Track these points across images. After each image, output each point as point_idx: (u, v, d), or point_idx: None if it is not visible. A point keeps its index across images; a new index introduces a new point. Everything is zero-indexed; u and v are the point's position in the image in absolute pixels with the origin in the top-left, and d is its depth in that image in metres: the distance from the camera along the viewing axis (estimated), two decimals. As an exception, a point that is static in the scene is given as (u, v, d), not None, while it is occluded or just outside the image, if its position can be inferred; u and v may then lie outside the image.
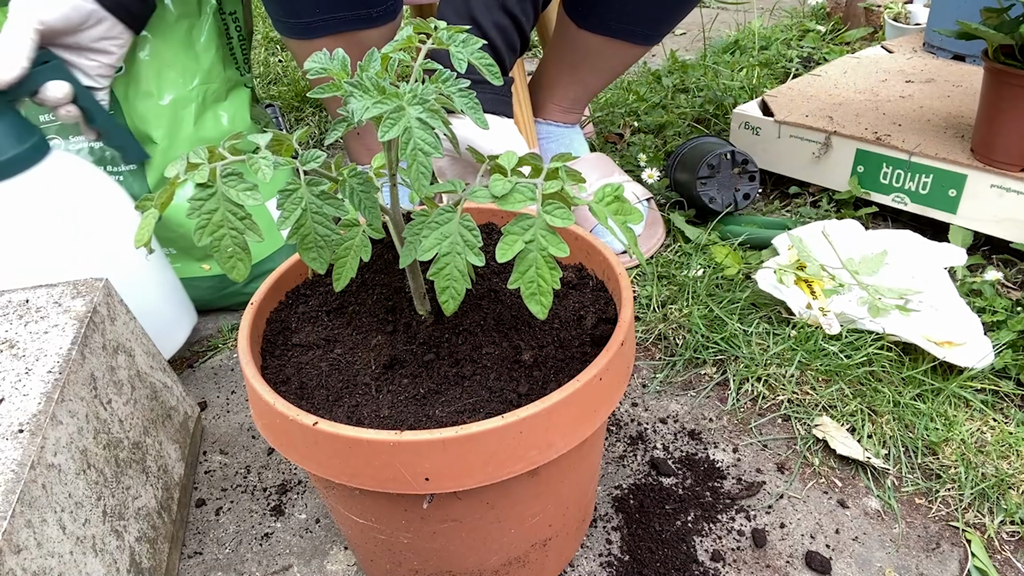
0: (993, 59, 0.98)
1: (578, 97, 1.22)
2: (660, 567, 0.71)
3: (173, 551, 0.73)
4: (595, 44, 1.12)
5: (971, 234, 1.06)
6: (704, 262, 1.08)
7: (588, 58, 1.15)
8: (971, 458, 0.77)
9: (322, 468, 0.54)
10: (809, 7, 2.15)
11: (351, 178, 0.54)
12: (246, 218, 0.49)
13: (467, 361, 0.60)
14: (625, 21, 1.08)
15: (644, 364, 0.96)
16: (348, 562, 0.74)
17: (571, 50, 1.15)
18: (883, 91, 1.31)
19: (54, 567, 0.55)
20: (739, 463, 0.82)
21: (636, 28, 1.09)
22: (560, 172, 0.51)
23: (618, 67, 1.18)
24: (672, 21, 1.11)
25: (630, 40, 1.11)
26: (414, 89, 0.49)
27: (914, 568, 0.70)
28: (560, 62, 1.18)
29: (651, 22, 1.09)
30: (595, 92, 1.23)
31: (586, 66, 1.16)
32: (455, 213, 0.52)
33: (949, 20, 1.37)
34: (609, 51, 1.13)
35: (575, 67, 1.17)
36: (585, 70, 1.17)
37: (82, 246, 0.85)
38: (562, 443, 0.54)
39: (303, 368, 0.62)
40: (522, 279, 0.50)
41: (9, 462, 0.55)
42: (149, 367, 0.79)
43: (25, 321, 0.70)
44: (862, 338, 0.90)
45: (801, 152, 1.22)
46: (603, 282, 0.68)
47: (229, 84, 1.05)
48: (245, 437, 0.90)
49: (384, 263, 0.70)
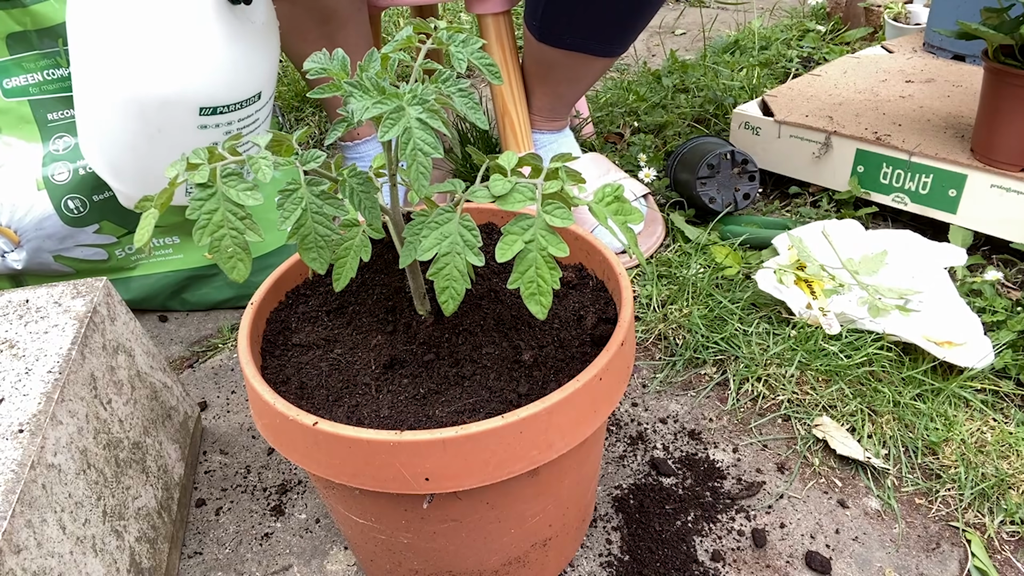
0: (993, 59, 0.98)
1: (555, 106, 1.20)
2: (660, 567, 0.71)
3: (173, 551, 0.73)
4: (557, 57, 1.11)
5: (971, 234, 1.06)
6: (704, 262, 1.08)
7: (554, 70, 1.14)
8: (971, 458, 0.77)
9: (322, 468, 0.54)
10: (809, 7, 2.15)
11: (351, 178, 0.54)
12: (246, 218, 0.49)
13: (467, 361, 0.60)
14: (579, 36, 1.07)
15: (644, 364, 0.96)
16: (348, 562, 0.74)
17: (536, 62, 1.14)
18: (883, 91, 1.31)
19: (54, 567, 0.55)
20: (739, 463, 0.82)
21: (591, 43, 1.08)
22: (560, 172, 0.51)
23: (587, 77, 1.17)
24: (629, 36, 1.09)
25: (589, 53, 1.10)
26: (414, 89, 0.49)
27: (914, 568, 0.70)
28: (530, 74, 1.18)
29: (605, 37, 1.07)
30: (572, 101, 1.21)
31: (554, 77, 1.15)
32: (455, 213, 0.52)
33: (949, 20, 1.37)
34: (571, 63, 1.12)
35: (544, 78, 1.16)
36: (554, 81, 1.16)
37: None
38: (562, 443, 0.54)
39: (303, 368, 0.62)
40: (522, 279, 0.50)
41: (9, 462, 0.55)
42: (149, 367, 0.79)
43: (25, 321, 0.70)
44: (862, 338, 0.90)
45: (801, 152, 1.21)
46: (603, 282, 0.68)
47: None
48: (245, 437, 0.90)
49: (384, 263, 0.70)
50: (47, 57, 0.96)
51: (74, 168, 0.97)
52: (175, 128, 0.82)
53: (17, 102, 0.97)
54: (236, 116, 0.82)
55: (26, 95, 0.97)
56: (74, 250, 1.02)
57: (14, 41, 0.95)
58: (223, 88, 0.80)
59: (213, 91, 0.80)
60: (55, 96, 0.98)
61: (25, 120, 0.98)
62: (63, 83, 0.97)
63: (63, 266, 1.03)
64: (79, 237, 1.01)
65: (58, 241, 1.00)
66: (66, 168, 0.97)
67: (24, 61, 0.96)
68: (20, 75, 0.96)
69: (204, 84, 0.79)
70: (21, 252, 1.00)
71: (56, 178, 0.97)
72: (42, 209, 0.97)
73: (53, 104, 0.98)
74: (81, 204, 0.98)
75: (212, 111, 0.81)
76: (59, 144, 0.98)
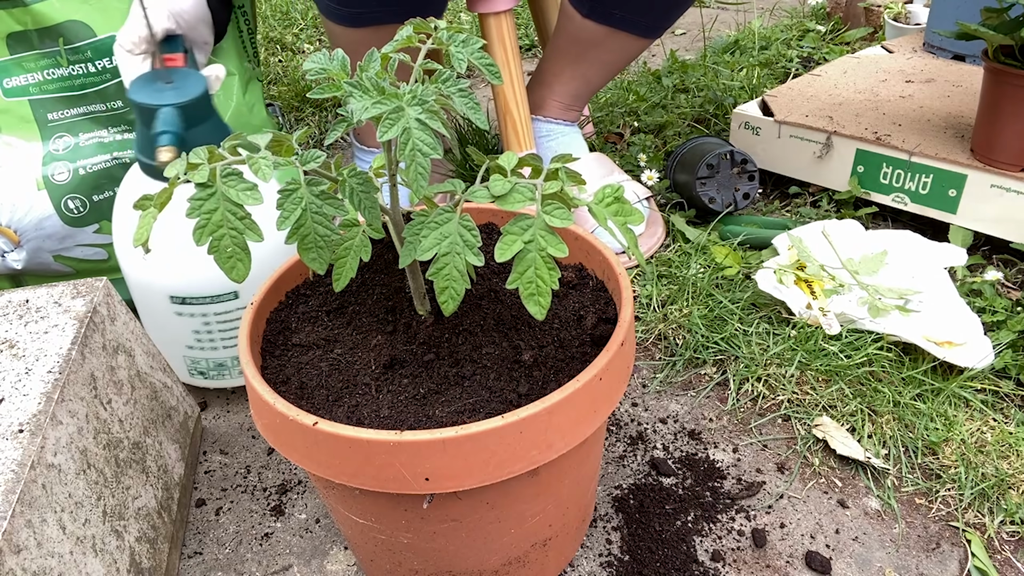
0: (993, 59, 0.98)
1: (579, 92, 1.22)
2: (660, 567, 0.71)
3: (173, 551, 0.73)
4: (598, 35, 1.12)
5: (971, 234, 1.06)
6: (704, 262, 1.08)
7: (590, 50, 1.15)
8: (971, 458, 0.77)
9: (322, 468, 0.54)
10: (809, 7, 2.15)
11: (351, 178, 0.54)
12: (246, 218, 0.49)
13: (467, 361, 0.60)
14: (629, 10, 1.08)
15: (644, 364, 0.96)
16: (348, 562, 0.74)
17: (574, 42, 1.16)
18: (883, 91, 1.31)
19: (54, 567, 0.55)
20: (739, 463, 0.82)
21: (640, 19, 1.10)
22: (560, 173, 0.51)
23: (619, 61, 1.19)
24: (676, 13, 1.12)
25: (633, 31, 1.12)
26: (414, 89, 0.50)
27: (914, 568, 0.70)
28: (562, 56, 1.18)
29: (655, 13, 1.10)
30: (596, 87, 1.23)
31: (588, 59, 1.17)
32: (454, 213, 0.52)
33: (949, 20, 1.36)
34: (611, 43, 1.13)
35: (577, 60, 1.17)
36: (587, 63, 1.17)
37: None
38: (562, 443, 0.54)
39: (303, 368, 0.62)
40: (521, 279, 0.50)
41: (9, 462, 0.55)
42: (149, 367, 0.79)
43: (25, 321, 0.70)
44: (862, 338, 0.90)
45: (801, 152, 1.21)
46: (603, 282, 0.68)
47: (246, 78, 1.06)
48: (245, 437, 0.90)
49: (384, 263, 0.70)
50: (47, 57, 0.96)
51: (74, 168, 0.97)
52: (157, 310, 0.86)
53: (17, 102, 0.97)
54: (211, 309, 0.85)
55: (26, 95, 0.97)
56: (74, 250, 1.02)
57: (14, 41, 0.95)
58: (193, 281, 0.83)
59: (180, 282, 0.83)
60: (55, 96, 0.97)
61: (25, 120, 0.98)
62: (63, 83, 0.97)
63: (63, 266, 1.03)
64: (79, 237, 1.01)
65: (58, 241, 1.00)
66: (66, 168, 0.97)
67: (24, 61, 0.96)
68: (20, 75, 0.96)
69: (173, 274, 0.83)
70: (21, 252, 1.00)
71: (56, 178, 0.96)
72: (42, 209, 0.97)
73: (53, 104, 0.98)
74: (81, 204, 0.98)
75: (182, 300, 0.84)
76: (59, 144, 0.98)
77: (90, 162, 0.97)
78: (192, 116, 0.78)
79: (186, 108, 0.77)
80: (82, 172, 0.97)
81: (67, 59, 0.96)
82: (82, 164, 0.97)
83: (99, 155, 0.98)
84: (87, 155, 0.97)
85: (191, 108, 0.78)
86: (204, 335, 0.87)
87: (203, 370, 0.91)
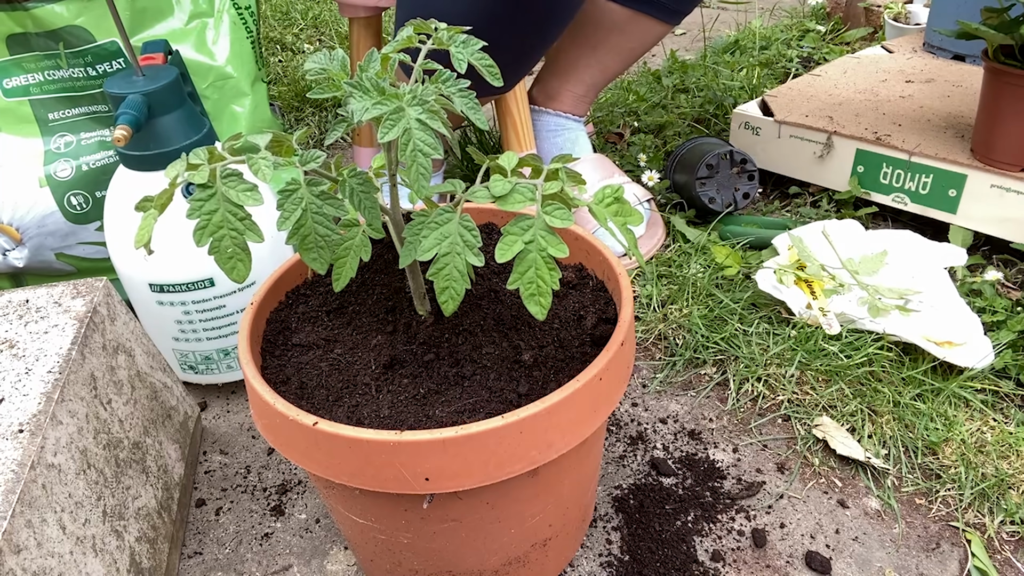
0: (993, 59, 0.98)
1: (595, 81, 1.22)
2: (660, 567, 0.71)
3: (173, 551, 0.73)
4: (620, 19, 1.13)
5: (971, 234, 1.06)
6: (704, 262, 1.08)
7: (611, 36, 1.16)
8: (971, 458, 0.77)
9: (322, 468, 0.54)
10: (809, 7, 2.15)
11: (351, 178, 0.54)
12: (246, 219, 0.49)
13: (467, 361, 0.60)
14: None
15: (644, 364, 0.96)
16: (348, 562, 0.74)
17: (594, 28, 1.16)
18: (883, 91, 1.31)
19: (54, 567, 0.55)
20: (739, 463, 0.82)
21: (664, 1, 1.10)
22: (560, 173, 0.51)
23: (638, 48, 1.19)
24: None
25: (656, 15, 1.12)
26: (414, 90, 0.50)
27: (914, 568, 0.70)
28: (581, 42, 1.19)
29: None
30: (612, 76, 1.23)
31: (607, 45, 1.17)
32: (455, 213, 0.52)
33: (949, 20, 1.36)
34: (632, 27, 1.14)
35: (596, 47, 1.17)
36: (604, 49, 1.18)
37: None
38: (562, 443, 0.54)
39: (303, 368, 0.62)
40: (521, 280, 0.50)
41: (9, 462, 0.55)
42: (149, 367, 0.79)
43: (25, 321, 0.70)
44: (862, 338, 0.90)
45: (801, 152, 1.21)
46: (603, 282, 0.68)
47: (251, 78, 1.06)
48: (245, 437, 0.90)
49: (384, 263, 0.70)
50: (48, 58, 0.96)
51: (76, 164, 0.97)
52: (143, 300, 0.88)
53: (17, 102, 0.97)
54: (189, 297, 0.86)
55: (26, 95, 0.97)
56: (76, 248, 1.02)
57: (14, 42, 0.95)
58: (168, 268, 0.84)
59: (156, 269, 0.84)
60: (56, 96, 0.98)
61: (26, 120, 0.98)
62: (63, 83, 0.97)
63: (65, 264, 1.03)
64: (81, 235, 1.01)
65: (60, 239, 1.00)
66: (68, 165, 0.97)
67: (24, 61, 0.96)
68: (20, 75, 0.96)
69: (150, 262, 0.83)
70: (23, 250, 1.00)
71: (59, 174, 0.97)
72: (44, 206, 0.97)
73: (54, 104, 0.98)
74: (84, 200, 0.98)
75: (160, 288, 0.85)
76: (60, 142, 0.98)
77: (93, 158, 0.97)
78: (159, 103, 0.80)
79: (150, 95, 0.80)
80: (85, 168, 0.97)
81: (67, 62, 0.96)
82: (85, 160, 0.97)
83: (101, 152, 0.98)
84: (89, 152, 0.98)
85: (156, 95, 0.80)
86: (187, 325, 0.87)
87: (192, 364, 0.91)
